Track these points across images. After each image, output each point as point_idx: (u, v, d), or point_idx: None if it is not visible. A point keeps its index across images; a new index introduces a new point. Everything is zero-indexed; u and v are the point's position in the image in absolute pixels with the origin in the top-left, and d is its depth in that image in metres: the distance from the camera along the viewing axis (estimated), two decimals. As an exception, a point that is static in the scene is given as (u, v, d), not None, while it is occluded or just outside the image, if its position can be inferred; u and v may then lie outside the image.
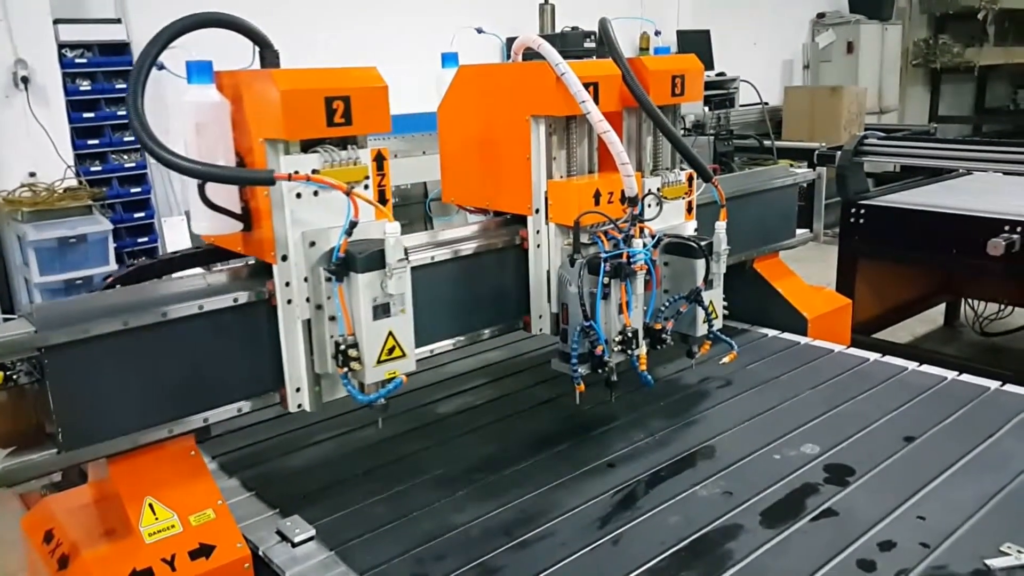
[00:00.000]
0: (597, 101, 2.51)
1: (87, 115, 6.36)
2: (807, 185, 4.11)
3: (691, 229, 2.94)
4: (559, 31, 2.82)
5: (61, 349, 1.98)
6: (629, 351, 2.58)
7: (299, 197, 2.12)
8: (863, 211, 4.80)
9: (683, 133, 2.87)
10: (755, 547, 2.10)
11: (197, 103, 2.10)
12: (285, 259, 2.17)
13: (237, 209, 2.20)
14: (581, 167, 2.71)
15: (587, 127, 2.66)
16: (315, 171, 2.10)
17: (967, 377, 3.08)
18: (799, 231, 4.04)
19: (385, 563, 2.09)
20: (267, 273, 2.23)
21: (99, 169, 6.48)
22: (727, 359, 2.98)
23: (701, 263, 2.76)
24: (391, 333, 2.18)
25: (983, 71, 14.29)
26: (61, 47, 6.33)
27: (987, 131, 14.28)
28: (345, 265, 2.11)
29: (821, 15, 12.97)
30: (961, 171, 5.52)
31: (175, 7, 2.14)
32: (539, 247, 2.73)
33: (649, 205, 2.71)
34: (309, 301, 2.22)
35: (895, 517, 2.20)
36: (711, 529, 2.18)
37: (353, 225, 2.08)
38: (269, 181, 2.07)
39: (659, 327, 2.71)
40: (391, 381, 2.22)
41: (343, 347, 2.15)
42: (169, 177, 6.93)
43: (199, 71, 2.10)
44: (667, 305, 2.77)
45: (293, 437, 2.80)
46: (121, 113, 6.46)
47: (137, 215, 6.62)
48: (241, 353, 2.27)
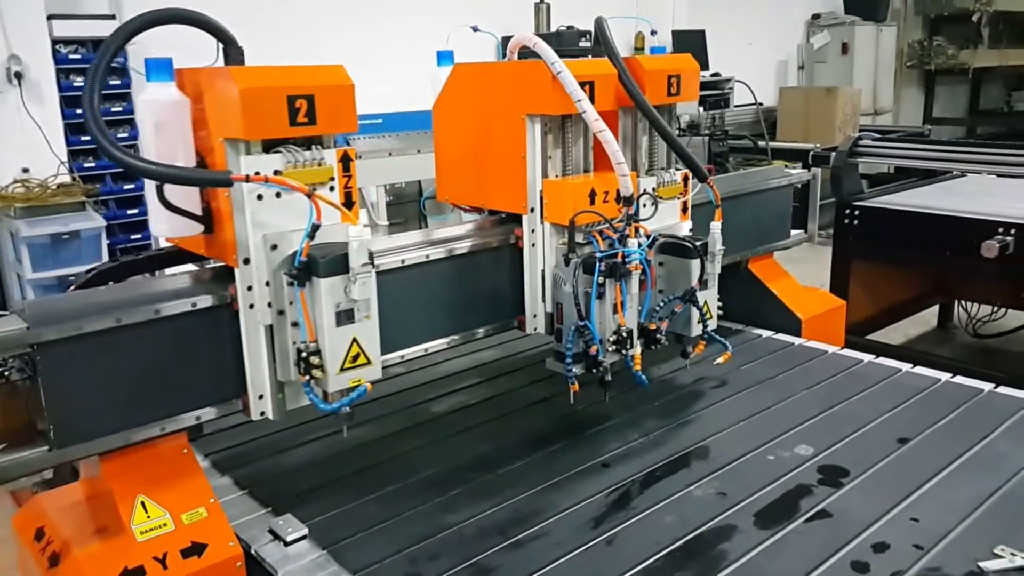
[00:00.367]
0: (593, 100, 2.50)
1: (80, 111, 6.31)
2: (802, 186, 4.11)
3: (686, 229, 2.93)
4: (555, 30, 2.82)
5: (53, 346, 1.97)
6: (624, 351, 2.58)
7: (260, 199, 2.06)
8: (857, 212, 4.80)
9: (678, 133, 2.87)
10: (749, 548, 2.10)
11: (155, 101, 2.05)
12: (247, 262, 2.11)
13: (197, 210, 2.14)
14: (576, 166, 2.70)
15: (582, 126, 2.66)
16: (277, 172, 2.04)
17: (961, 379, 3.09)
18: (794, 232, 4.05)
19: (378, 562, 2.08)
20: (230, 276, 2.17)
21: (92, 165, 6.46)
22: (721, 359, 2.97)
23: (696, 263, 2.76)
24: (355, 340, 2.13)
25: (977, 73, 14.34)
26: (55, 43, 6.31)
27: (981, 133, 14.30)
28: (307, 269, 2.05)
29: (816, 16, 12.99)
30: (955, 173, 5.53)
31: (168, 2, 2.11)
32: (534, 246, 2.72)
33: (644, 205, 2.70)
34: (271, 306, 2.16)
35: (889, 519, 2.20)
36: (705, 529, 2.18)
37: (315, 228, 2.02)
38: (226, 182, 2.01)
39: (654, 327, 2.71)
40: (355, 389, 2.16)
41: (305, 354, 2.09)
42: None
43: (158, 69, 2.04)
44: (662, 305, 2.77)
45: (286, 436, 2.79)
46: (116, 109, 6.44)
47: (130, 211, 6.58)
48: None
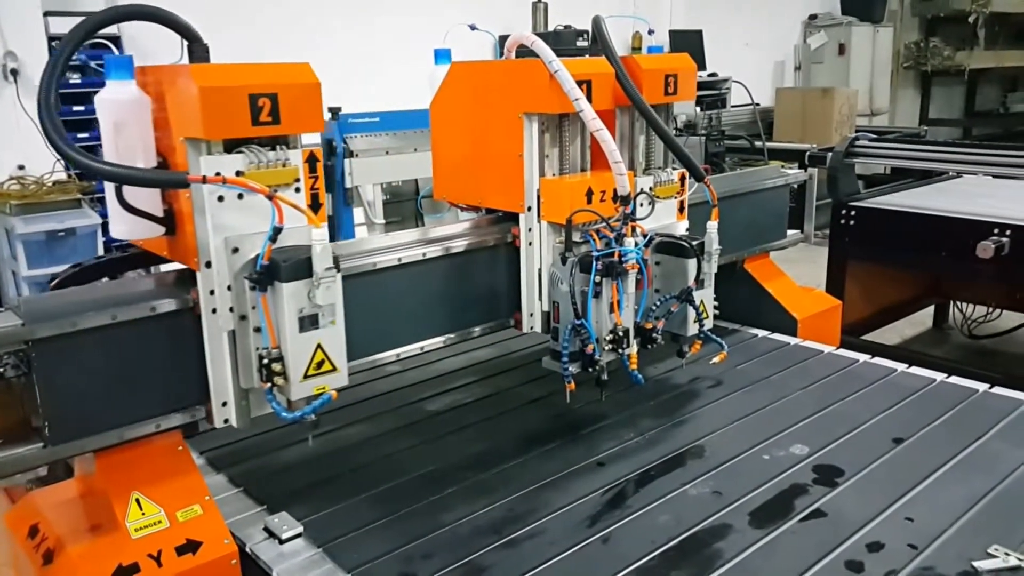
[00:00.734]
0: (590, 99, 2.50)
1: (77, 108, 6.31)
2: (798, 186, 4.12)
3: (683, 229, 2.94)
4: (552, 29, 2.81)
5: (48, 342, 1.96)
6: (620, 350, 2.58)
7: (221, 200, 2.00)
8: (853, 213, 4.81)
9: (675, 133, 2.87)
10: (744, 547, 2.10)
11: (114, 100, 2.00)
12: (208, 266, 2.06)
13: (159, 212, 2.10)
14: (573, 165, 2.70)
15: (580, 125, 2.66)
16: (239, 173, 1.98)
17: (956, 379, 3.09)
18: (790, 232, 4.05)
19: (373, 561, 2.08)
20: (193, 280, 2.11)
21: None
22: (717, 359, 2.97)
23: (692, 263, 2.76)
24: (320, 346, 2.09)
25: (973, 74, 14.38)
26: (51, 40, 6.30)
27: (977, 134, 14.34)
28: (269, 273, 2.00)
29: (813, 17, 13.01)
30: (951, 174, 5.54)
31: (165, 1, 2.10)
32: (531, 245, 2.72)
33: (641, 204, 2.71)
34: (233, 311, 2.10)
35: (883, 518, 2.21)
36: (700, 529, 2.18)
37: (277, 231, 1.96)
38: (182, 184, 1.97)
39: (650, 326, 2.71)
40: (319, 397, 2.11)
41: (267, 360, 2.04)
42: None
43: (118, 66, 2.00)
44: (658, 304, 2.78)
45: (281, 433, 2.78)
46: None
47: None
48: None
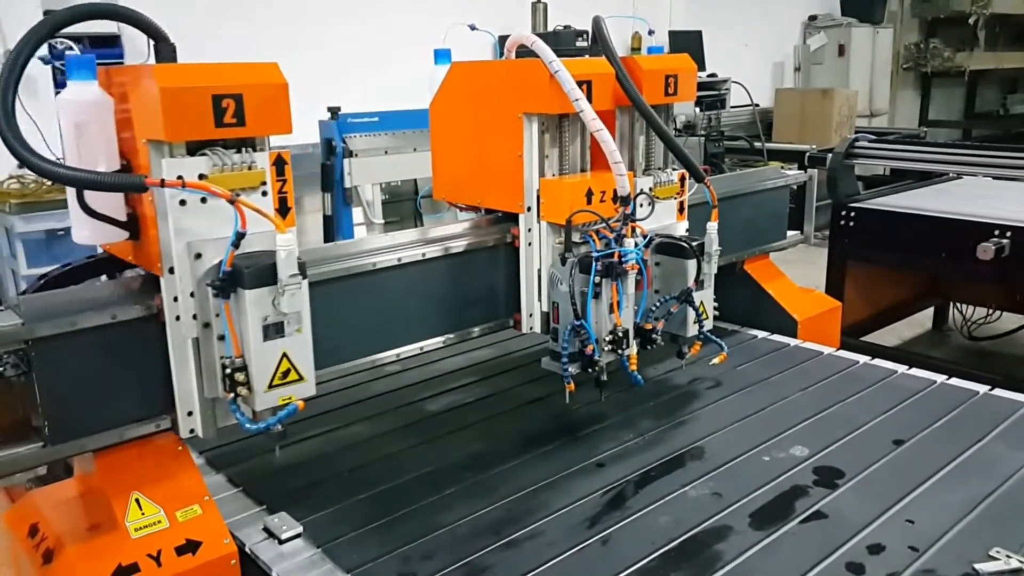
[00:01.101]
0: (590, 99, 2.50)
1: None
2: (798, 187, 4.11)
3: (683, 229, 2.93)
4: (552, 29, 2.81)
5: (48, 342, 1.96)
6: (619, 351, 2.58)
7: (183, 204, 1.96)
8: (853, 214, 4.81)
9: (674, 134, 2.87)
10: (744, 549, 2.10)
11: (76, 101, 1.96)
12: (172, 271, 2.02)
13: (122, 216, 2.06)
14: (573, 165, 2.70)
15: (580, 125, 2.66)
16: (202, 176, 1.94)
17: (956, 381, 3.09)
18: (789, 233, 4.05)
19: (372, 561, 2.08)
20: (157, 286, 2.07)
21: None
22: (717, 360, 2.97)
23: (692, 263, 2.76)
24: (285, 355, 2.04)
25: (973, 76, 14.37)
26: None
27: (977, 135, 14.33)
28: (231, 280, 1.96)
29: (813, 17, 13.00)
30: (951, 175, 5.54)
31: (166, -1, 2.09)
32: (530, 245, 2.72)
33: (641, 205, 2.70)
34: (196, 318, 2.06)
35: (884, 520, 2.20)
36: (700, 530, 2.18)
37: (240, 236, 1.91)
38: (140, 187, 1.91)
39: (650, 327, 2.71)
40: (285, 407, 2.07)
41: (230, 370, 2.00)
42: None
43: (79, 66, 1.96)
44: (658, 305, 2.78)
45: (280, 433, 2.78)
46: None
47: (126, 208, 6.55)
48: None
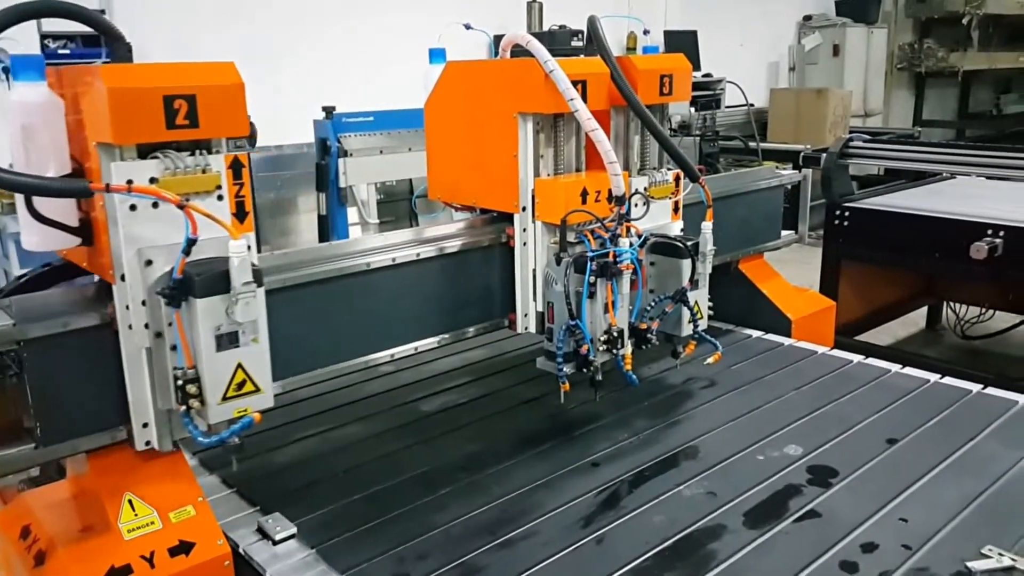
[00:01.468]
0: (585, 99, 2.50)
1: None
2: (792, 187, 4.12)
3: (677, 229, 2.94)
4: (547, 29, 2.81)
5: (40, 342, 1.95)
6: (614, 351, 2.57)
7: (134, 210, 1.89)
8: (847, 213, 4.81)
9: (670, 133, 2.87)
10: (738, 548, 2.10)
11: (23, 103, 1.89)
12: (124, 279, 1.95)
13: (73, 221, 1.99)
14: (568, 165, 2.70)
15: (575, 125, 2.65)
16: (153, 180, 1.88)
17: (949, 380, 3.10)
18: (784, 232, 4.05)
19: (366, 562, 2.07)
20: (110, 294, 2.01)
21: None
22: (712, 360, 2.97)
23: (687, 263, 2.76)
24: (240, 366, 1.97)
25: (967, 76, 14.40)
26: (43, 37, 6.25)
27: (970, 135, 14.37)
28: (183, 288, 1.89)
29: (807, 18, 13.03)
30: (944, 175, 5.55)
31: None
32: (525, 245, 2.72)
33: (636, 204, 2.70)
34: (148, 327, 1.98)
35: (877, 519, 2.21)
36: (695, 529, 2.18)
37: (191, 243, 1.84)
38: (85, 192, 1.87)
39: (644, 327, 2.71)
40: (240, 420, 2.00)
41: (181, 382, 1.94)
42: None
43: (26, 67, 1.89)
44: (653, 305, 2.77)
45: (275, 434, 2.78)
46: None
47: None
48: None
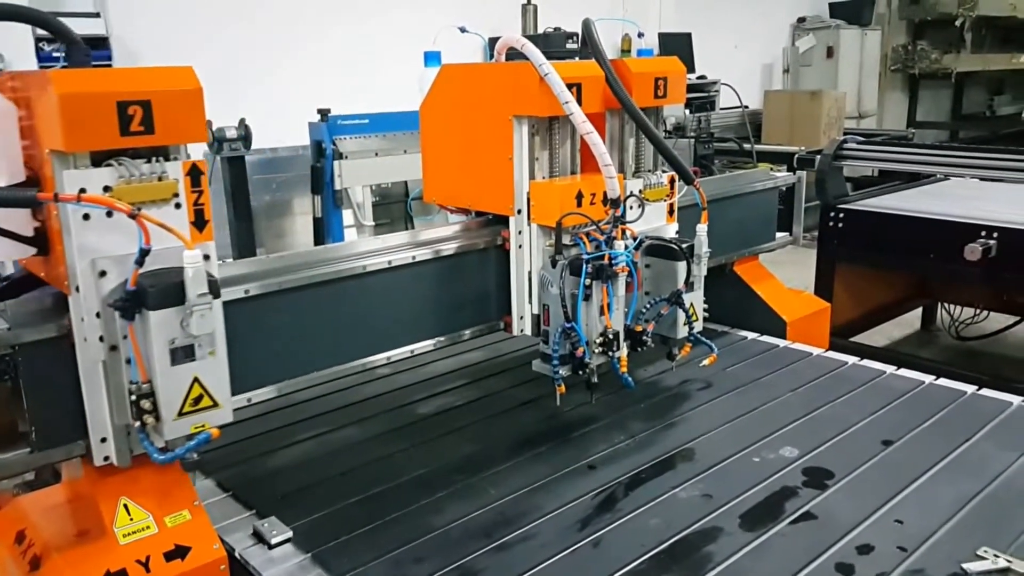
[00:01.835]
0: (580, 102, 2.50)
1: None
2: (787, 189, 4.13)
3: (672, 231, 2.94)
4: (542, 32, 2.81)
5: (35, 347, 1.94)
6: (610, 353, 2.58)
7: (87, 219, 1.84)
8: (842, 215, 4.82)
9: (664, 136, 2.88)
10: (734, 550, 2.10)
11: None
12: (79, 290, 1.90)
13: (27, 231, 1.94)
14: (563, 168, 2.70)
15: (570, 128, 2.66)
16: (108, 188, 1.83)
17: (944, 381, 3.11)
18: (778, 234, 4.06)
19: (363, 566, 2.07)
20: (67, 305, 1.95)
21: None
22: (707, 361, 2.98)
23: (682, 265, 2.77)
24: (197, 380, 1.93)
25: (960, 77, 14.45)
26: (38, 40, 6.24)
27: (964, 137, 14.42)
28: (136, 300, 1.85)
29: (802, 20, 13.05)
30: (938, 176, 5.56)
31: (154, 1, 2.08)
32: (521, 248, 2.72)
33: (631, 207, 2.71)
34: (103, 340, 1.94)
35: (873, 521, 2.21)
36: (691, 532, 2.18)
37: (144, 253, 1.81)
38: (31, 202, 1.82)
39: (640, 329, 2.71)
40: (197, 436, 1.95)
41: (135, 396, 1.90)
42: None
43: None
44: (648, 307, 2.78)
45: (271, 437, 2.78)
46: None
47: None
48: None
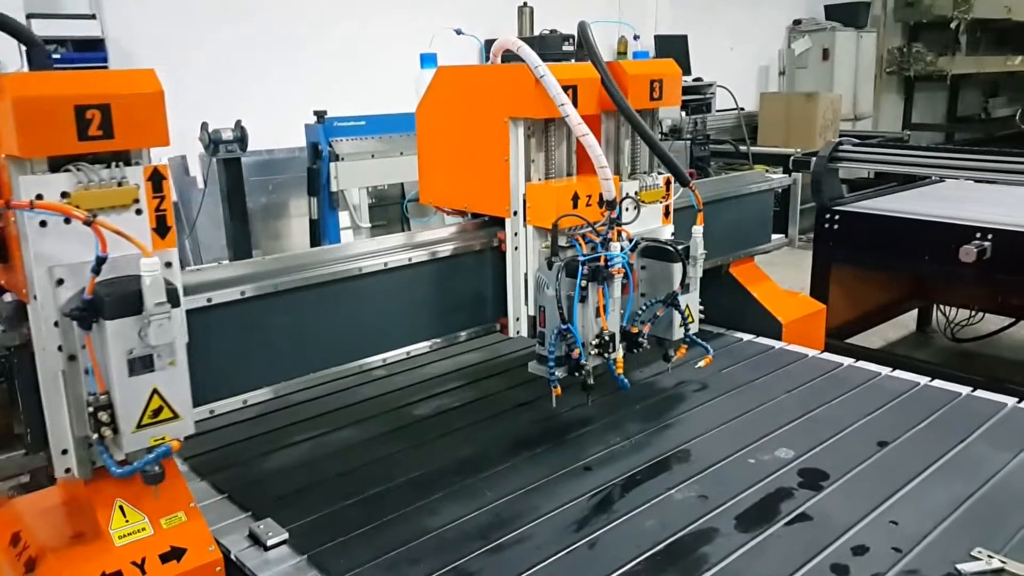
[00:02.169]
0: (576, 104, 2.51)
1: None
2: (782, 190, 4.14)
3: (668, 233, 2.95)
4: (538, 34, 2.82)
5: (30, 348, 1.93)
6: (606, 354, 2.58)
7: (44, 226, 1.81)
8: (837, 217, 4.83)
9: (660, 137, 2.88)
10: (730, 551, 2.10)
11: None
12: (37, 298, 1.87)
13: None
14: (559, 170, 2.71)
15: (565, 130, 2.66)
16: (65, 194, 1.80)
17: (939, 383, 3.11)
18: (774, 236, 4.07)
19: (359, 567, 2.07)
20: (26, 314, 1.93)
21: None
22: (703, 363, 2.99)
23: (678, 267, 2.77)
24: (156, 391, 1.89)
25: (955, 79, 14.51)
26: (34, 43, 6.25)
27: (959, 139, 14.47)
28: (92, 309, 1.81)
29: (797, 22, 13.09)
30: (934, 178, 5.57)
31: (150, 3, 2.08)
32: (517, 249, 2.72)
33: (627, 209, 2.71)
34: (62, 350, 1.91)
35: (868, 521, 2.22)
36: (686, 533, 2.19)
37: (100, 261, 1.78)
38: None
39: (636, 331, 2.71)
40: (157, 449, 1.91)
41: (92, 408, 1.86)
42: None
43: None
44: (644, 309, 2.78)
45: (267, 439, 2.78)
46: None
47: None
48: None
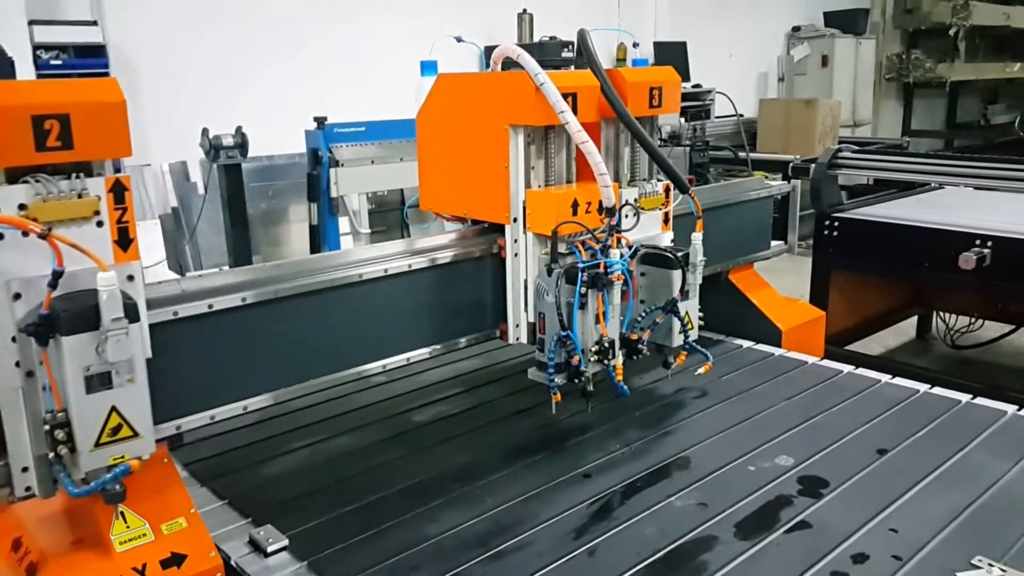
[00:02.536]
0: (575, 111, 2.52)
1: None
2: (782, 197, 4.14)
3: (668, 240, 2.95)
4: (538, 41, 2.82)
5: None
6: (605, 361, 2.58)
7: (0, 239, 1.78)
8: (837, 224, 4.84)
9: (659, 144, 2.89)
10: (729, 559, 2.10)
11: None
12: None
13: None
14: (559, 177, 2.71)
15: (565, 137, 2.67)
16: (23, 206, 1.78)
17: (939, 390, 3.11)
18: (774, 243, 4.07)
19: (358, 574, 2.07)
20: None
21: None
22: (702, 370, 2.99)
23: (677, 274, 2.78)
24: (114, 409, 1.86)
25: (954, 86, 14.54)
26: (36, 48, 6.26)
27: (958, 146, 14.49)
28: (49, 324, 1.78)
29: (796, 28, 13.12)
30: (933, 185, 5.59)
31: (152, 9, 2.09)
32: (516, 256, 2.73)
33: (626, 215, 2.71)
34: (20, 366, 1.87)
35: (868, 529, 2.22)
36: (686, 540, 2.18)
37: (57, 275, 1.75)
38: None
39: (635, 337, 2.72)
40: (115, 468, 1.89)
41: (49, 426, 1.82)
42: (144, 180, 6.87)
43: None
44: (643, 315, 2.78)
45: (266, 445, 2.78)
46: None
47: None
48: None
